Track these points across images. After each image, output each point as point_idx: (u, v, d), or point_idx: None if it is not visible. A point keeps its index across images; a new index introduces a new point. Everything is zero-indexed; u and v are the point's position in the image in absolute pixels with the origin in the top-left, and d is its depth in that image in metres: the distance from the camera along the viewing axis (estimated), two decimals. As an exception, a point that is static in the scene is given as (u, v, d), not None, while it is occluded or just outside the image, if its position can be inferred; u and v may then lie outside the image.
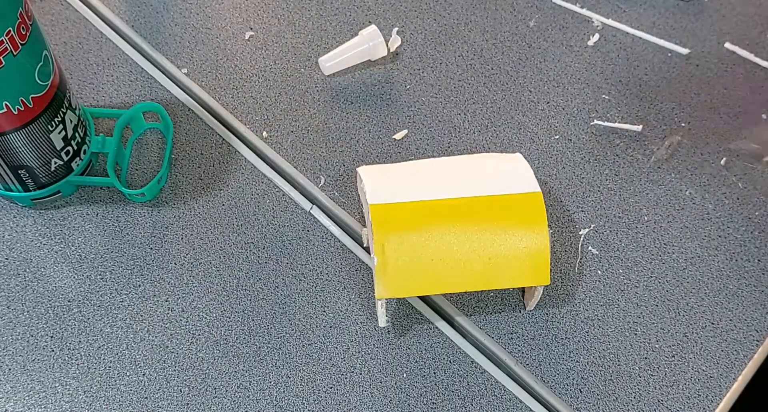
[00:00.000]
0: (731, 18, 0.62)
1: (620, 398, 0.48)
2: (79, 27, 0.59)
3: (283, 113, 0.57)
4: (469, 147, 0.56)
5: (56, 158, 0.49)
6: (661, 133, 0.57)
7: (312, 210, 0.53)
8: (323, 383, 0.48)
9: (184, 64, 0.58)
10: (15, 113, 0.44)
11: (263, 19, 0.60)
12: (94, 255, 0.51)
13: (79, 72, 0.57)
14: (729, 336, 0.50)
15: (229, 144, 0.55)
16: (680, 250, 0.53)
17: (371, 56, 0.58)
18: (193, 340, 0.49)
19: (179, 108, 0.56)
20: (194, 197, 0.53)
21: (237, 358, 0.48)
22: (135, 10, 0.60)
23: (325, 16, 0.61)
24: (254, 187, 0.54)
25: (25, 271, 0.50)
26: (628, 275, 0.52)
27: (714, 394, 0.48)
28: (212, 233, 0.52)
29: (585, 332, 0.50)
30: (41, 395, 0.47)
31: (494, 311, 0.50)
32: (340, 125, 0.56)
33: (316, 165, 0.55)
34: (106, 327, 0.49)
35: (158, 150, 0.55)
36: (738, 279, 0.52)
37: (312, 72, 0.58)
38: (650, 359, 0.49)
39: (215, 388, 0.47)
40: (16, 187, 0.50)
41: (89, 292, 0.50)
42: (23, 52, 0.42)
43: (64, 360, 0.48)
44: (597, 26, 0.62)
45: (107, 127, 0.55)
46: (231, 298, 0.50)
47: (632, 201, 0.54)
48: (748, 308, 0.51)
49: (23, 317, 0.49)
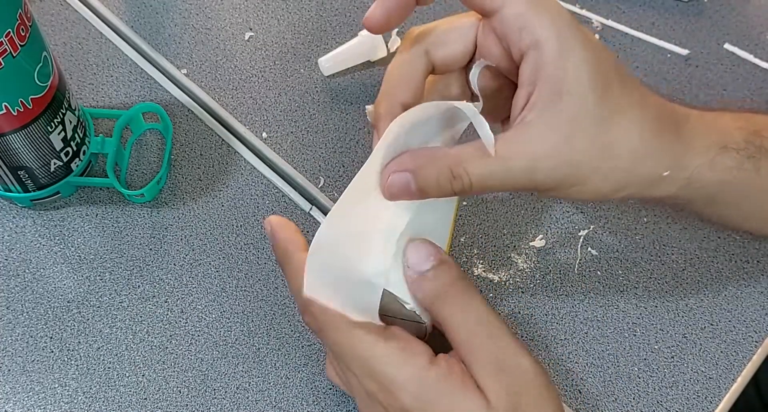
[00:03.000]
0: (731, 19, 0.62)
1: (620, 399, 0.48)
2: (79, 27, 0.59)
3: (282, 114, 0.57)
4: (468, 148, 0.56)
5: (56, 159, 0.49)
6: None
7: (311, 211, 0.53)
8: (323, 384, 0.48)
9: (184, 64, 0.58)
10: (14, 114, 0.44)
11: (263, 19, 0.60)
12: (93, 256, 0.51)
13: (79, 73, 0.57)
14: (728, 337, 0.50)
15: (228, 145, 0.55)
16: (679, 251, 0.53)
17: (371, 57, 0.58)
18: (192, 341, 0.49)
19: (179, 109, 0.56)
20: (194, 198, 0.53)
21: (236, 359, 0.48)
22: (135, 10, 0.60)
23: (325, 17, 0.61)
24: (254, 187, 0.54)
25: (24, 272, 0.50)
26: (627, 276, 0.52)
27: (713, 395, 0.48)
28: (212, 233, 0.52)
29: (584, 332, 0.50)
30: (40, 395, 0.47)
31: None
32: (340, 126, 0.56)
33: (316, 166, 0.55)
34: (105, 328, 0.49)
35: (158, 151, 0.55)
36: (737, 280, 0.52)
37: (312, 72, 0.58)
38: (649, 359, 0.49)
39: (215, 389, 0.47)
40: (15, 188, 0.50)
41: (88, 293, 0.50)
42: (23, 53, 0.42)
43: (64, 361, 0.48)
44: (596, 27, 0.62)
45: (107, 128, 0.55)
46: (230, 299, 0.50)
47: (632, 202, 0.54)
48: (747, 309, 0.51)
49: (22, 318, 0.49)
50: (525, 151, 0.36)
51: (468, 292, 0.38)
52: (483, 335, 0.37)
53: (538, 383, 0.37)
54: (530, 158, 0.36)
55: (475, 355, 0.36)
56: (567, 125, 0.36)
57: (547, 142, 0.36)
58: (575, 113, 0.36)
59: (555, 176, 0.36)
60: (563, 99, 0.36)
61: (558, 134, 0.36)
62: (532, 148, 0.36)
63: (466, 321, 0.37)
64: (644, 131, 0.37)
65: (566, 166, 0.36)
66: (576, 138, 0.36)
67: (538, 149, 0.36)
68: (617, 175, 0.37)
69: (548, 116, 0.36)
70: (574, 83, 0.36)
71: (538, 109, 0.36)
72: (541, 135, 0.36)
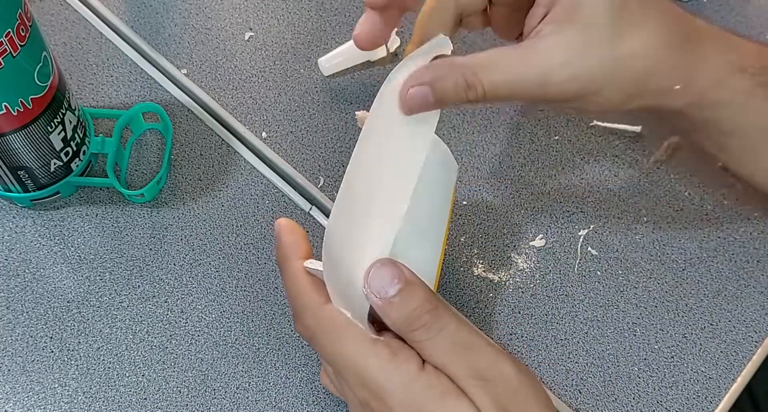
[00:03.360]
0: (730, 19, 0.62)
1: (619, 399, 0.48)
2: (79, 27, 0.59)
3: (282, 114, 0.57)
4: (468, 147, 0.56)
5: (56, 159, 0.49)
6: (661, 134, 0.57)
7: (311, 211, 0.53)
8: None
9: (184, 64, 0.58)
10: (14, 114, 0.44)
11: (263, 19, 0.60)
12: (93, 256, 0.51)
13: (79, 73, 0.57)
14: (728, 337, 0.50)
15: (228, 145, 0.55)
16: (679, 251, 0.53)
17: (371, 57, 0.58)
18: (192, 341, 0.49)
19: (179, 109, 0.56)
20: (193, 198, 0.53)
21: (236, 359, 0.48)
22: (135, 10, 0.60)
23: (325, 17, 0.61)
24: (253, 187, 0.54)
25: (24, 272, 0.50)
26: (627, 276, 0.52)
27: (713, 395, 0.48)
28: (212, 233, 0.52)
29: (584, 332, 0.50)
30: (40, 395, 0.47)
31: (493, 311, 0.50)
32: (340, 125, 0.56)
33: (316, 166, 0.55)
34: (105, 328, 0.49)
35: (158, 151, 0.55)
36: (737, 280, 0.52)
37: (312, 72, 0.58)
38: (649, 359, 0.49)
39: (214, 389, 0.47)
40: (15, 188, 0.50)
41: (88, 293, 0.50)
42: (23, 53, 0.42)
43: (64, 361, 0.48)
44: (596, 27, 0.61)
45: (107, 128, 0.55)
46: (230, 299, 0.50)
47: (631, 202, 0.54)
48: (747, 309, 0.51)
49: (22, 318, 0.49)
50: (539, 61, 0.37)
51: (437, 311, 0.37)
52: (460, 352, 0.36)
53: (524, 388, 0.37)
54: (544, 68, 0.36)
55: (457, 373, 0.36)
56: (582, 37, 0.36)
57: (561, 54, 0.36)
58: (590, 26, 0.36)
59: (568, 87, 0.37)
60: (579, 12, 0.36)
61: (572, 46, 0.36)
62: (547, 58, 0.36)
63: (440, 344, 0.36)
64: (659, 44, 0.38)
65: (580, 77, 0.37)
66: (590, 50, 0.36)
67: (553, 60, 0.36)
68: (629, 86, 0.38)
69: (564, 29, 0.37)
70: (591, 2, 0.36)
71: (554, 22, 0.37)
72: (556, 46, 0.37)
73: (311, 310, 0.38)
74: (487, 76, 0.37)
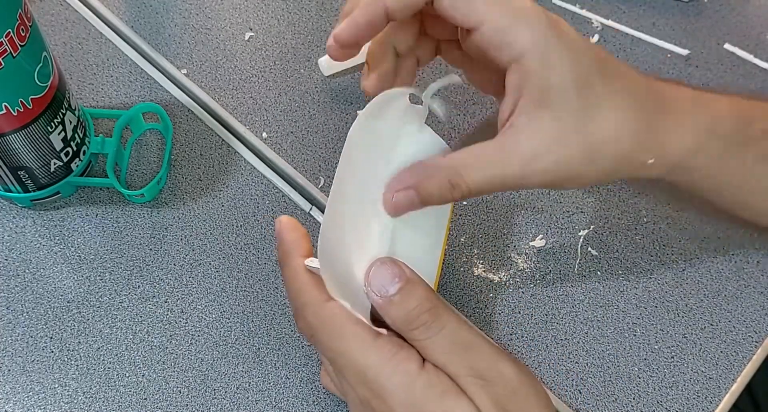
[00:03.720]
0: (731, 19, 0.62)
1: (620, 399, 0.48)
2: (79, 27, 0.59)
3: (282, 114, 0.57)
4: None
5: (56, 159, 0.49)
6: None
7: (311, 211, 0.53)
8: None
9: (184, 64, 0.58)
10: (14, 114, 0.44)
11: (263, 19, 0.60)
12: (93, 256, 0.51)
13: (79, 73, 0.57)
14: (728, 337, 0.50)
15: (228, 145, 0.55)
16: (679, 251, 0.53)
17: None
18: (192, 341, 0.49)
19: (179, 109, 0.56)
20: (194, 198, 0.53)
21: (236, 359, 0.48)
22: (135, 10, 0.60)
23: (325, 17, 0.61)
24: (254, 188, 0.54)
25: (24, 272, 0.50)
26: (627, 276, 0.52)
27: (713, 395, 0.48)
28: (212, 233, 0.52)
29: (584, 332, 0.50)
30: (40, 395, 0.47)
31: (493, 311, 0.50)
32: (340, 126, 0.56)
33: (316, 166, 0.55)
34: (105, 328, 0.49)
35: (158, 151, 0.55)
36: (737, 280, 0.52)
37: (312, 73, 0.58)
38: (649, 360, 0.49)
39: (215, 389, 0.47)
40: (15, 188, 0.50)
41: (88, 293, 0.50)
42: (23, 53, 0.42)
43: (64, 361, 0.48)
44: (597, 27, 0.62)
45: (107, 128, 0.55)
46: (230, 299, 0.50)
47: (632, 202, 0.54)
48: (747, 309, 0.51)
49: (22, 318, 0.49)
50: (518, 158, 0.38)
51: (437, 311, 0.37)
52: (460, 351, 0.36)
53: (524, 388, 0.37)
54: (523, 163, 0.38)
55: (457, 372, 0.36)
56: (555, 126, 0.37)
57: (537, 146, 0.38)
58: (562, 112, 0.37)
59: (548, 177, 0.38)
60: (548, 104, 0.37)
61: (548, 136, 0.37)
62: (525, 152, 0.38)
63: (441, 343, 0.37)
64: (629, 126, 0.39)
65: (559, 166, 0.38)
66: (565, 138, 0.38)
67: (531, 153, 0.37)
68: (606, 167, 0.39)
69: (536, 119, 0.38)
70: (558, 89, 0.37)
71: (525, 114, 0.38)
72: (532, 139, 0.38)
73: (312, 307, 0.38)
74: (470, 176, 0.38)
